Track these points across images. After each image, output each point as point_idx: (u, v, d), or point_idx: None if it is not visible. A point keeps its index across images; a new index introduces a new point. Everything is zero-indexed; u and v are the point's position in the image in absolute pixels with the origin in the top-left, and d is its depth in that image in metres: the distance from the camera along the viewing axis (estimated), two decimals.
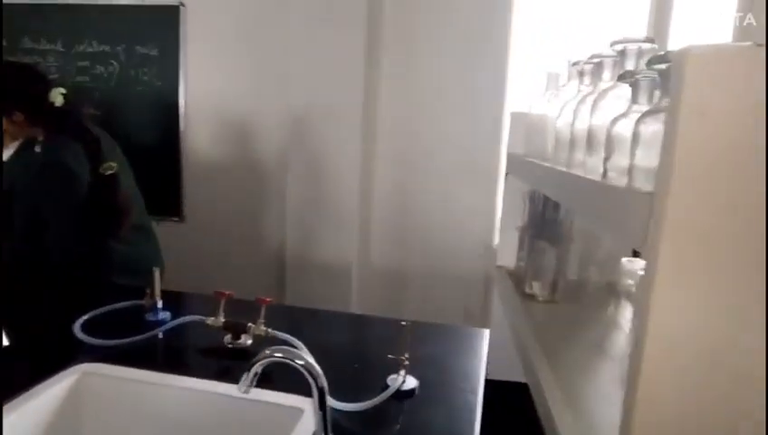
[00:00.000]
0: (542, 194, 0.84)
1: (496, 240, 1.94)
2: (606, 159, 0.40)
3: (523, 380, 0.91)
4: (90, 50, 2.31)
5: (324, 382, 0.63)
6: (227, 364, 0.98)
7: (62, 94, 1.36)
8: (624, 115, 0.39)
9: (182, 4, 2.18)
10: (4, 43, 2.43)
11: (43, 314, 1.19)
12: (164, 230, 2.25)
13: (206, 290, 1.04)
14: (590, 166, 0.46)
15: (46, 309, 1.23)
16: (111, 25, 2.26)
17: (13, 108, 1.35)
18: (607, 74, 0.51)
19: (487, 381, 0.96)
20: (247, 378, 0.63)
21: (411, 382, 0.90)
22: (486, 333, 1.06)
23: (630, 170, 0.36)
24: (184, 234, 2.35)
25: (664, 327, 0.31)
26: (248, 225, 2.32)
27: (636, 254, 0.66)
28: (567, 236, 0.81)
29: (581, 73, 0.59)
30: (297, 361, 0.62)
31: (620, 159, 0.38)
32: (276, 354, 0.63)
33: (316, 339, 1.05)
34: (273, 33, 2.09)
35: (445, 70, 2.02)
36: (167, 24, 2.19)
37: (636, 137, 0.34)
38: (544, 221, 0.84)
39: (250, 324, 1.02)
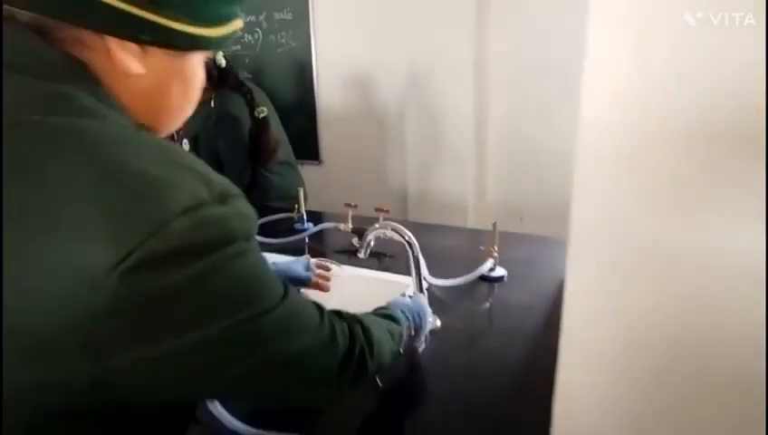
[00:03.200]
0: None
1: None
2: None
3: None
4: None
5: (419, 253, 0.82)
6: (356, 261, 1.24)
7: (223, 56, 1.72)
8: None
9: None
10: None
11: None
12: (306, 172, 2.65)
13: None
14: None
15: None
16: None
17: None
18: None
19: None
20: (363, 245, 0.85)
21: (500, 271, 1.05)
22: None
23: None
24: (322, 174, 2.73)
25: None
26: (374, 166, 2.60)
27: None
28: None
29: None
30: (401, 234, 0.81)
31: None
32: (387, 227, 0.83)
33: (427, 242, 1.24)
34: None
35: None
36: None
37: None
38: None
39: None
